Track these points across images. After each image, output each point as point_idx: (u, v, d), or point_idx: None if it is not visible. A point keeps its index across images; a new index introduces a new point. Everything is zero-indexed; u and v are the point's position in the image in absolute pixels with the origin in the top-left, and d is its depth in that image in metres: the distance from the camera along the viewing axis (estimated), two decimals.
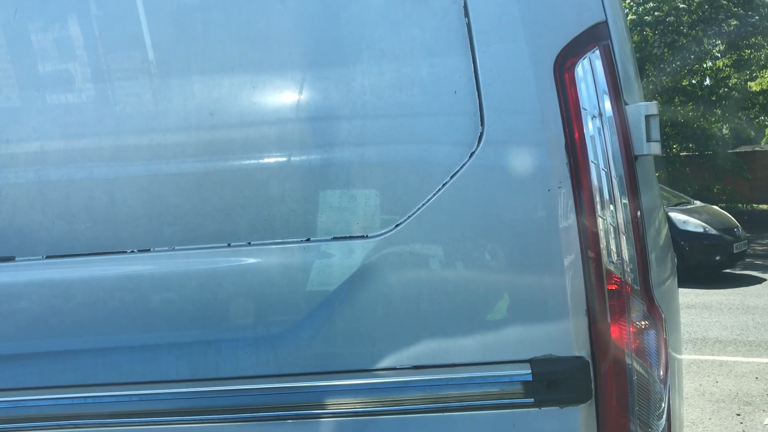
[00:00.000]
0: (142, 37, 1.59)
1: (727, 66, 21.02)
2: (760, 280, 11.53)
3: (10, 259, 1.61)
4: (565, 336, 1.48)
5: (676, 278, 1.79)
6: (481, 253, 1.49)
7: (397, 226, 1.50)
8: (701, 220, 11.62)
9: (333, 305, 1.51)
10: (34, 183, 1.60)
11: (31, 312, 1.60)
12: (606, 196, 1.47)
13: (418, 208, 1.50)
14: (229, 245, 1.55)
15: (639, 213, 1.50)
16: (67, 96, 1.62)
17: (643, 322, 1.51)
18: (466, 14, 1.50)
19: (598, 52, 1.49)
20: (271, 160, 1.56)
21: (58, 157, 1.61)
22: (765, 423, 5.03)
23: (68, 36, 1.62)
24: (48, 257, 1.60)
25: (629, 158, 1.49)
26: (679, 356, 1.71)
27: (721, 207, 19.79)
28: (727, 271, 12.50)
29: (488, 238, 1.48)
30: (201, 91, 1.58)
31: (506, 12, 1.49)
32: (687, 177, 21.23)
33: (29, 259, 1.60)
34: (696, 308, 9.13)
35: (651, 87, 18.43)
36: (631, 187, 1.49)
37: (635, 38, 17.90)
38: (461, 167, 1.48)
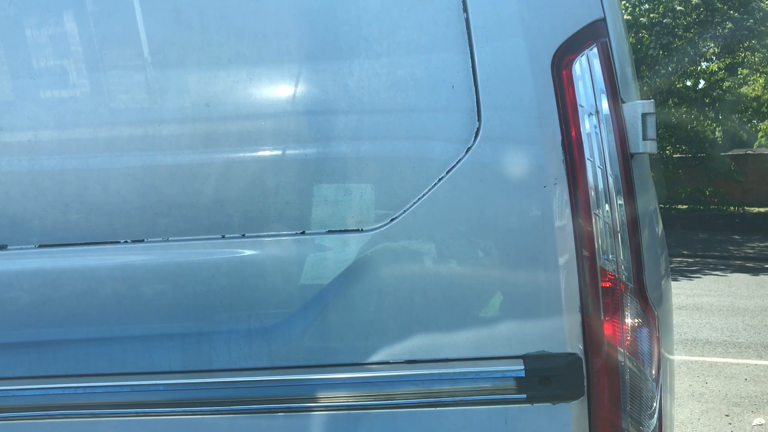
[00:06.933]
0: (139, 27, 1.58)
1: (720, 69, 21.12)
2: (750, 283, 11.58)
3: (3, 247, 1.60)
4: (559, 333, 1.48)
5: (670, 278, 1.80)
6: (476, 248, 1.49)
7: (392, 220, 1.50)
8: None
9: (327, 299, 1.51)
10: (27, 172, 1.59)
11: (23, 301, 1.59)
12: (602, 193, 1.47)
13: (414, 203, 1.49)
14: (223, 237, 1.54)
15: (634, 211, 1.50)
16: (62, 85, 1.61)
17: (636, 321, 1.52)
18: (465, 10, 1.49)
19: (596, 49, 1.49)
20: (267, 152, 1.55)
21: (52, 146, 1.60)
22: (753, 424, 5.06)
23: (64, 26, 1.61)
24: (40, 246, 1.59)
25: (625, 156, 1.49)
26: (671, 356, 1.72)
27: (713, 209, 19.89)
28: (718, 273, 12.58)
29: (483, 233, 1.48)
30: (197, 82, 1.57)
31: (505, 8, 1.49)
32: (680, 179, 21.35)
33: (21, 248, 1.59)
34: (687, 309, 9.18)
35: (645, 89, 18.48)
36: (627, 185, 1.49)
37: (630, 39, 17.95)
38: (457, 163, 1.48)
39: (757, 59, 21.15)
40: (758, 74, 23.07)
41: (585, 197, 1.47)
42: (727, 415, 5.24)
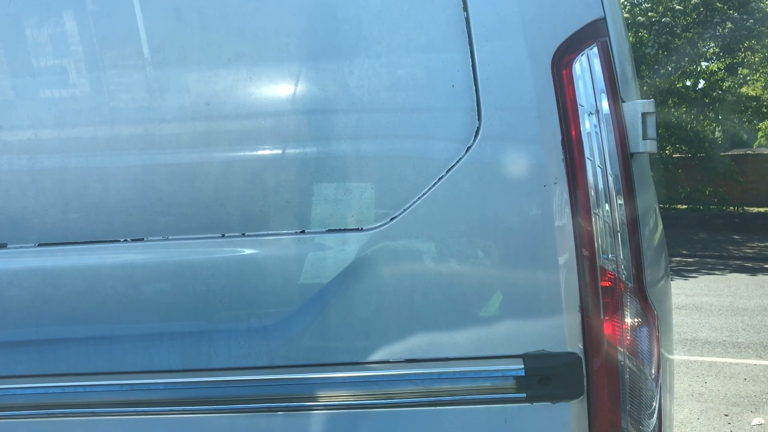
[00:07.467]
0: (139, 26, 1.58)
1: (720, 69, 21.12)
2: (749, 282, 11.58)
3: (2, 246, 1.60)
4: (558, 332, 1.48)
5: (669, 278, 1.80)
6: (476, 248, 1.49)
7: (392, 219, 1.50)
8: None
9: (326, 298, 1.51)
10: (27, 170, 1.59)
11: (23, 300, 1.59)
12: (602, 193, 1.47)
13: (414, 202, 1.49)
14: (223, 236, 1.54)
15: (634, 210, 1.50)
16: (62, 84, 1.61)
17: (636, 320, 1.52)
18: (465, 9, 1.49)
19: (596, 49, 1.49)
20: (267, 151, 1.55)
21: (52, 145, 1.59)
22: (753, 423, 5.06)
23: (64, 25, 1.61)
24: (40, 245, 1.59)
25: (625, 156, 1.49)
26: (670, 356, 1.72)
27: (712, 209, 19.86)
28: (717, 272, 12.58)
29: (483, 233, 1.48)
30: (197, 81, 1.57)
31: (505, 7, 1.49)
32: (679, 179, 21.34)
33: (21, 247, 1.59)
34: (686, 309, 9.18)
35: (645, 88, 18.48)
36: (627, 184, 1.49)
37: (630, 39, 17.94)
38: (457, 162, 1.48)
39: (757, 59, 21.14)
40: (758, 74, 23.07)
41: (585, 197, 1.47)
42: (727, 415, 5.24)
